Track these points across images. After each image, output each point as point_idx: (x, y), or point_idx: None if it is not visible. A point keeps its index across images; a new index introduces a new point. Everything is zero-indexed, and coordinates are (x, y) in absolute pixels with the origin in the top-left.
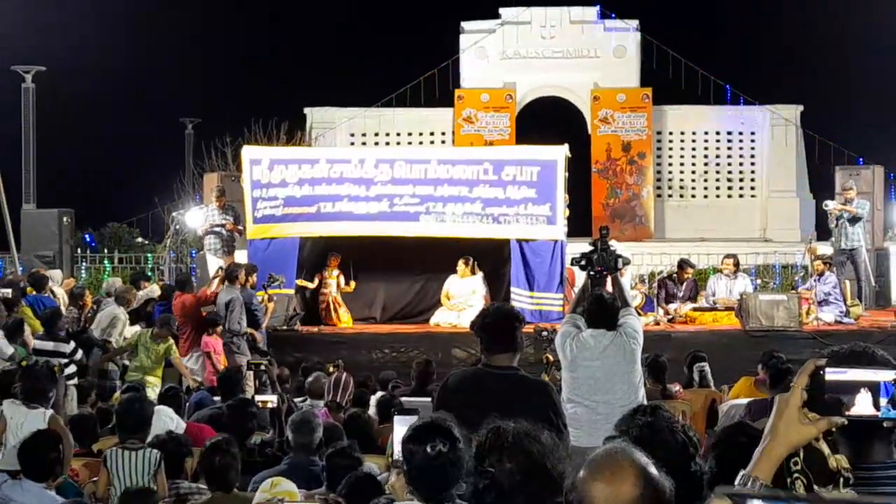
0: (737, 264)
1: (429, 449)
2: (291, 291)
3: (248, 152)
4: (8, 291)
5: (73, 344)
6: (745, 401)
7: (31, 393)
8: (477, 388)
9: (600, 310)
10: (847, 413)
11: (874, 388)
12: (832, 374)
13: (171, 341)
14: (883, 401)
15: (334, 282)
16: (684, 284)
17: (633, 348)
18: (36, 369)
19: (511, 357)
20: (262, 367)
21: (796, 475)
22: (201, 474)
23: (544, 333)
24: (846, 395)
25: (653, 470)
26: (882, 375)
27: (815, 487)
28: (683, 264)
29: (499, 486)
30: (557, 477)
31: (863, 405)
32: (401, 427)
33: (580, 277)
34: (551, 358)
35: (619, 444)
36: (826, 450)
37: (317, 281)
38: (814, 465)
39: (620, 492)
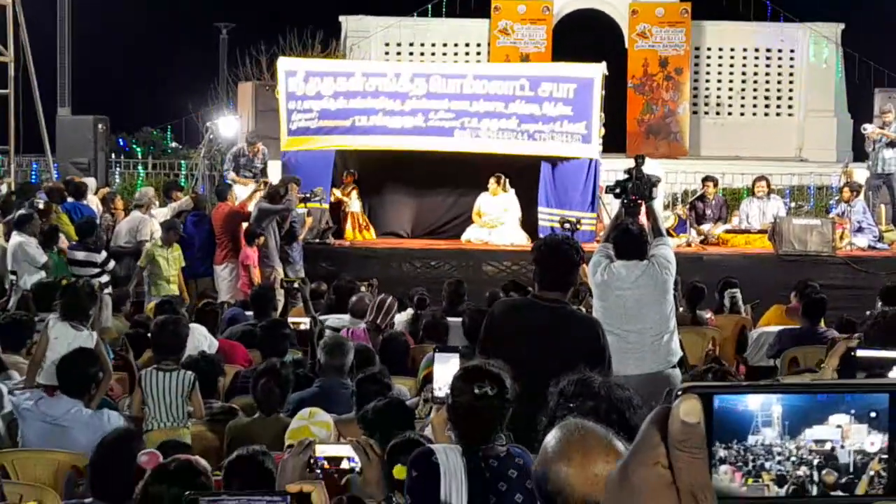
0: (769, 185)
1: (476, 389)
2: (326, 207)
3: (284, 64)
4: (40, 201)
5: (104, 253)
6: (775, 328)
7: (72, 311)
8: (525, 318)
9: (627, 242)
10: None
11: None
12: (864, 353)
13: (179, 248)
14: None
15: (353, 198)
16: (713, 202)
17: (665, 278)
18: (78, 288)
19: (562, 294)
20: (296, 286)
21: None
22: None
23: (566, 225)
24: (879, 371)
25: (617, 442)
26: None
27: None
28: (706, 180)
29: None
30: (632, 427)
31: None
32: (441, 365)
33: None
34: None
35: (576, 423)
36: None
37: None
38: None
39: (595, 470)
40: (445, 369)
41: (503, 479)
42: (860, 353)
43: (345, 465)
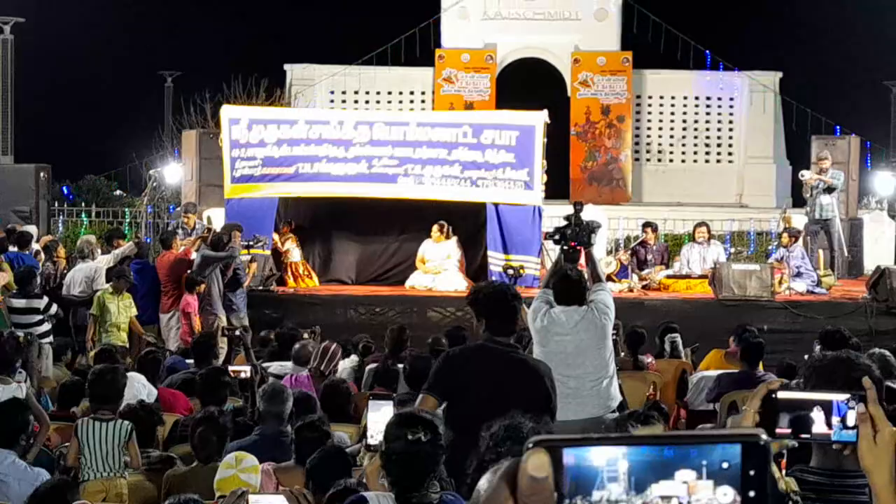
0: (709, 231)
1: (410, 436)
2: (269, 253)
3: (227, 112)
4: None
5: (46, 299)
6: (715, 373)
7: None
8: (480, 364)
9: (566, 287)
10: (800, 435)
11: (827, 407)
12: (785, 395)
13: (129, 296)
14: (835, 419)
15: (292, 248)
16: (655, 248)
17: (605, 324)
18: (1, 341)
19: (510, 338)
20: (237, 334)
21: None
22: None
23: (510, 272)
24: (802, 413)
25: None
26: (835, 396)
27: None
28: (646, 226)
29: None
30: None
31: (816, 425)
32: (374, 413)
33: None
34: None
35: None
36: (776, 472)
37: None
38: None
39: None
40: (379, 417)
41: None
42: (781, 394)
43: None
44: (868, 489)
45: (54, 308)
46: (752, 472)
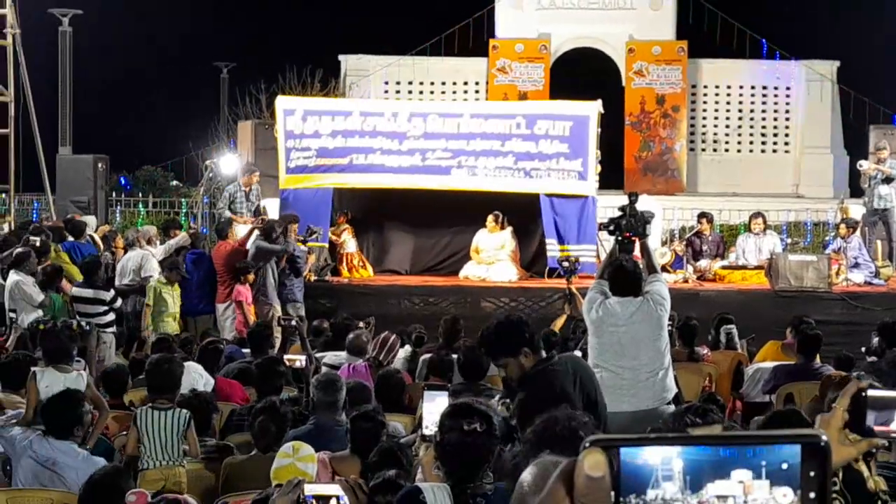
0: (765, 222)
1: (465, 426)
2: (325, 245)
3: (282, 102)
4: (37, 239)
5: (112, 292)
6: (770, 364)
7: (54, 354)
8: (548, 385)
9: (622, 278)
10: (890, 434)
11: None
12: (875, 392)
13: (178, 288)
14: None
15: (348, 238)
16: (710, 238)
17: (660, 315)
18: (56, 331)
19: (541, 353)
20: (293, 324)
21: (834, 496)
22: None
23: (565, 264)
24: (886, 412)
25: None
26: None
27: None
28: (702, 216)
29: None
30: None
31: None
32: (429, 403)
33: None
34: (574, 290)
35: (551, 459)
36: (865, 471)
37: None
38: (853, 487)
39: None
40: (434, 407)
41: None
42: (871, 393)
43: None
44: None
45: (119, 302)
46: (812, 474)
